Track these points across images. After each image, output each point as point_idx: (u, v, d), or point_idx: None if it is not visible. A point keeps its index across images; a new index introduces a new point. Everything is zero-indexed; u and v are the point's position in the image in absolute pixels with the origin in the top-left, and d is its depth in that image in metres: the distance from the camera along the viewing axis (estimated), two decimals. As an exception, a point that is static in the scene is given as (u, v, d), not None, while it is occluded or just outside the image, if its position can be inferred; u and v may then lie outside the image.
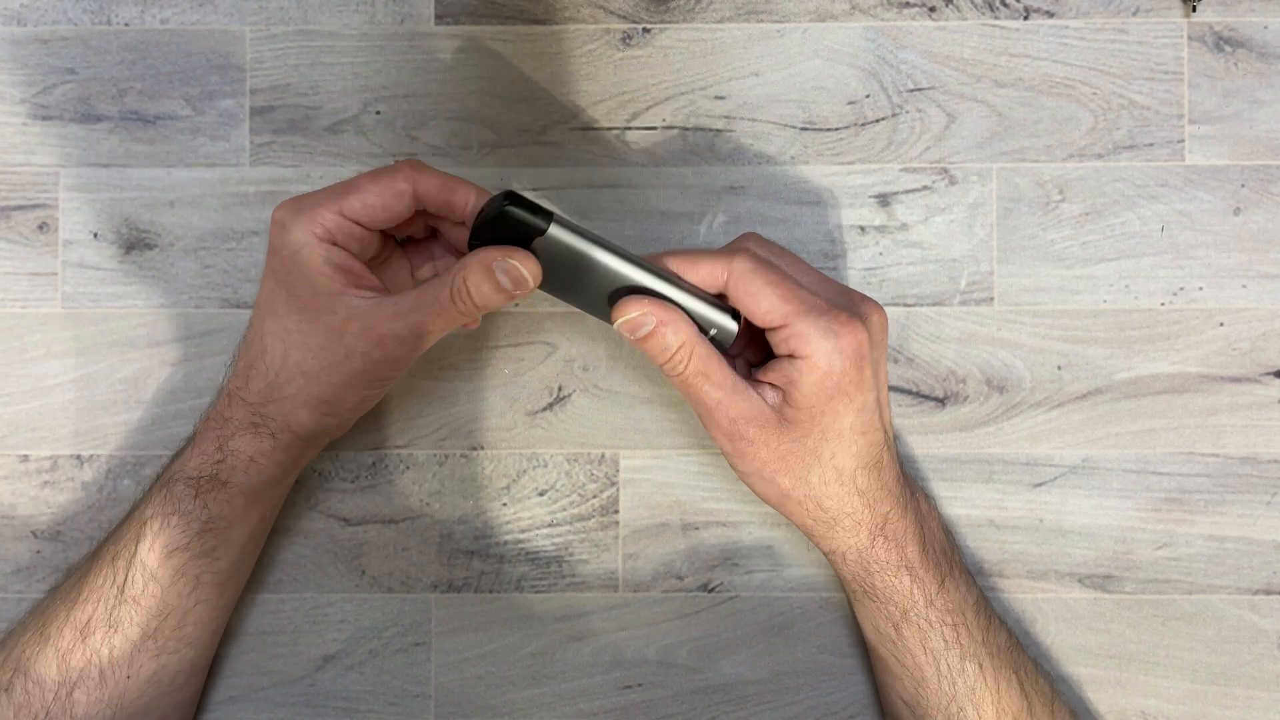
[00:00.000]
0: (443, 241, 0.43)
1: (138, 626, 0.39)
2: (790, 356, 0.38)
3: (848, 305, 0.39)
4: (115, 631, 0.39)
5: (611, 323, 0.39)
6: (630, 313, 0.38)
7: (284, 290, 0.39)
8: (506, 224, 0.37)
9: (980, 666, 0.40)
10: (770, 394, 0.39)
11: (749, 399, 0.39)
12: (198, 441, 0.40)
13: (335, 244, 0.38)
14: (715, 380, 0.38)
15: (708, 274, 0.39)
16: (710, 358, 0.38)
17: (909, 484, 0.41)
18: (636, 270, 0.38)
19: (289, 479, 0.42)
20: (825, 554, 0.41)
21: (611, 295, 0.39)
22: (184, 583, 0.39)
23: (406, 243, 0.43)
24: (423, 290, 0.38)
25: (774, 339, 0.39)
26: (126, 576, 0.39)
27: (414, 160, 0.40)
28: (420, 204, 0.40)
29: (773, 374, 0.39)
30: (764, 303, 0.38)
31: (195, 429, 0.41)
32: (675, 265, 0.39)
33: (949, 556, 0.41)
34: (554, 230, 0.37)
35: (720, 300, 0.40)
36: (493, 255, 0.37)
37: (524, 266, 0.37)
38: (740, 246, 0.39)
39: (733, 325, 0.39)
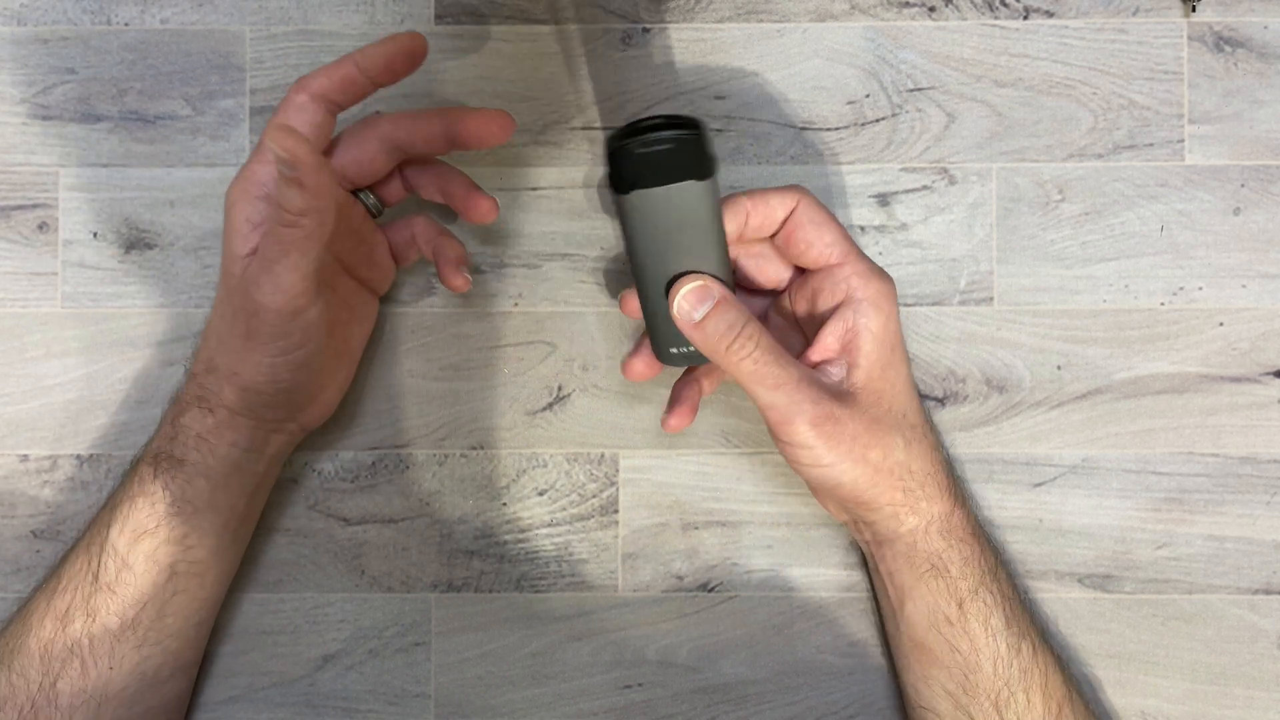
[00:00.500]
0: (422, 220, 0.42)
1: (115, 615, 0.39)
2: (845, 303, 0.38)
3: None
4: (93, 620, 0.39)
5: (664, 292, 0.38)
6: (694, 282, 0.37)
7: (223, 260, 0.39)
8: (683, 147, 0.35)
9: (1033, 647, 0.39)
10: (832, 371, 0.38)
11: (822, 375, 0.38)
12: (161, 422, 0.41)
13: (269, 197, 0.38)
14: (788, 361, 0.37)
15: (778, 201, 0.38)
16: (775, 341, 0.37)
17: None
18: (718, 255, 0.38)
19: (255, 467, 0.41)
20: (904, 535, 0.39)
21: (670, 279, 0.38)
22: (157, 570, 0.39)
23: (389, 226, 0.43)
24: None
25: (826, 281, 0.38)
26: (100, 562, 0.39)
27: (378, 112, 0.39)
28: (394, 145, 0.39)
29: (829, 335, 0.38)
30: (828, 235, 0.38)
31: (161, 413, 0.42)
32: (750, 201, 0.38)
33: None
34: (709, 185, 0.36)
35: None
36: (279, 119, 0.37)
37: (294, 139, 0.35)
38: (801, 187, 0.39)
39: None
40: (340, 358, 0.42)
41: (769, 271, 0.41)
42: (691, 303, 0.37)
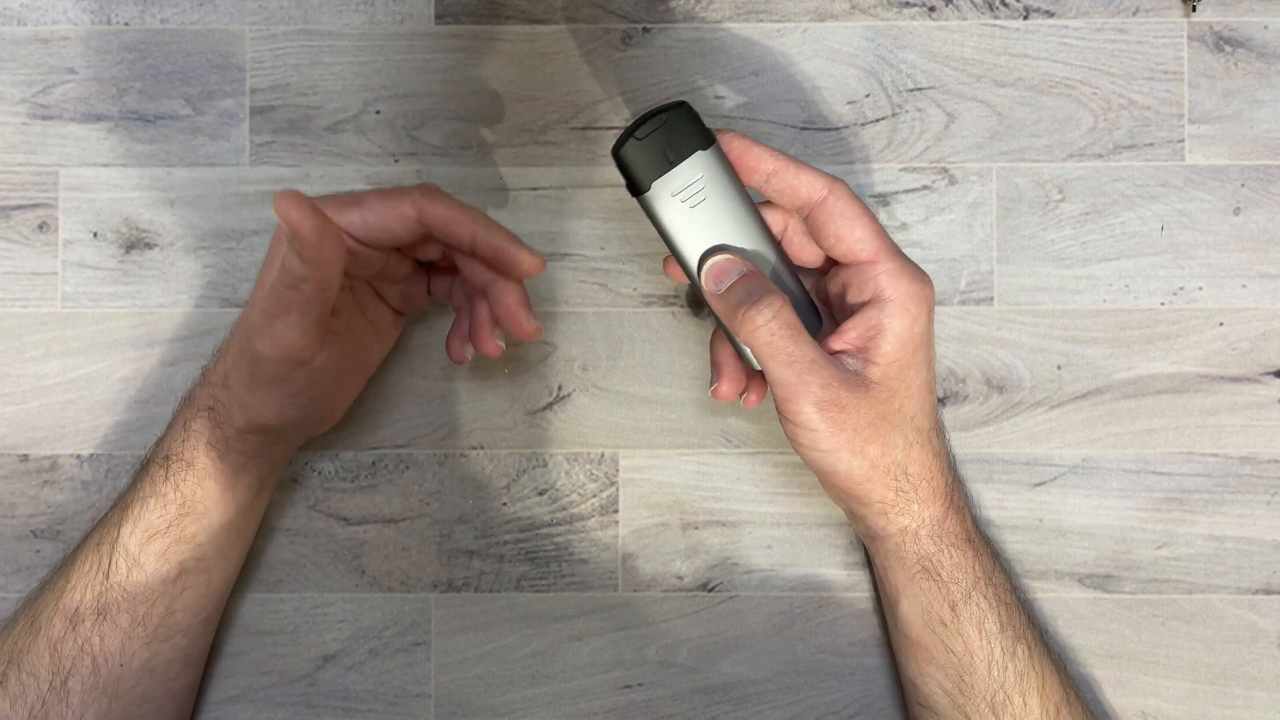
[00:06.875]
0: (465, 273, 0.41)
1: (125, 613, 0.39)
2: (872, 302, 0.37)
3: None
4: (104, 619, 0.39)
5: (697, 272, 0.38)
6: (720, 256, 0.38)
7: (259, 280, 0.39)
8: (675, 126, 0.37)
9: (1029, 650, 0.39)
10: (850, 361, 0.38)
11: (837, 362, 0.37)
12: (171, 423, 0.41)
13: None
14: (806, 340, 0.37)
15: (808, 183, 0.38)
16: (797, 319, 0.37)
17: None
18: (750, 221, 0.38)
19: (261, 470, 0.41)
20: (894, 535, 0.39)
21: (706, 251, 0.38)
22: (167, 568, 0.39)
23: (431, 267, 0.42)
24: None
25: (856, 277, 0.38)
26: (110, 562, 0.39)
27: (428, 186, 0.38)
28: (426, 230, 0.38)
29: (852, 331, 0.38)
30: (859, 230, 0.37)
31: (172, 412, 0.42)
32: (777, 163, 0.38)
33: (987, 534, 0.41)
34: (713, 152, 0.38)
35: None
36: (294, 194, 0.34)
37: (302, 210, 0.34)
38: (838, 177, 0.38)
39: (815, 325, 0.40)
40: (355, 374, 0.42)
41: (808, 252, 0.40)
42: (714, 277, 0.38)
